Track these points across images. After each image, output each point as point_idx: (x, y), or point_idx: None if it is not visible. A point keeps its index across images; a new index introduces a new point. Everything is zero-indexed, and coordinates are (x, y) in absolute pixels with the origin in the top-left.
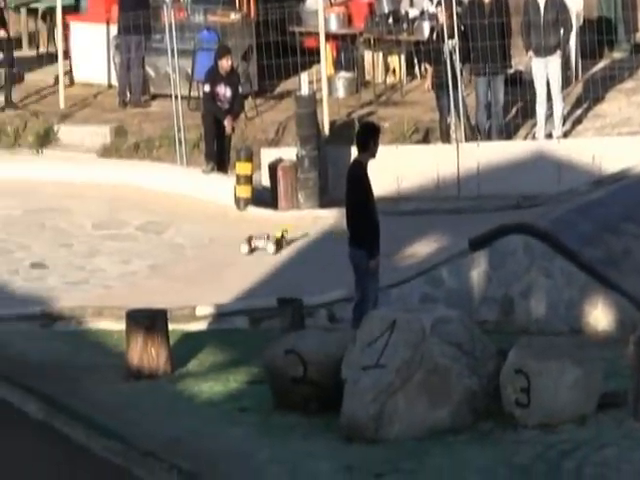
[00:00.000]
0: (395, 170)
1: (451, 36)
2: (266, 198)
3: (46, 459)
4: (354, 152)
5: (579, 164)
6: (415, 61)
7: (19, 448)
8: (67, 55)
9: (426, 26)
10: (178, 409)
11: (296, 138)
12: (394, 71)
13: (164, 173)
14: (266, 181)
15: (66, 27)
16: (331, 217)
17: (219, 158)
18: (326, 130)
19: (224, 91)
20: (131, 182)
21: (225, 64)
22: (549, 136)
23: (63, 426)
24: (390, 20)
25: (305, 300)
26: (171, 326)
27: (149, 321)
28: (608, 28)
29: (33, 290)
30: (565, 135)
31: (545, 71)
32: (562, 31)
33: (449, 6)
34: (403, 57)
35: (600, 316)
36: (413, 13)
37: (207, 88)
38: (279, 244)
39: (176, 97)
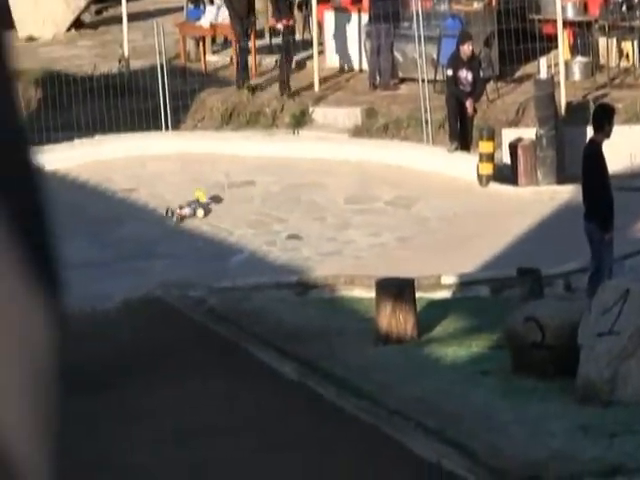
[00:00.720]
0: (628, 148)
1: None
2: (507, 175)
3: (300, 416)
4: (589, 132)
5: None
6: None
7: (275, 406)
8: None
9: None
10: (424, 371)
11: (535, 119)
12: (627, 56)
13: (412, 151)
14: (507, 159)
15: (320, 16)
16: (567, 193)
17: (462, 138)
18: (563, 111)
19: (465, 75)
20: (381, 160)
21: (466, 49)
22: None
23: (316, 386)
24: (624, 8)
25: (543, 270)
26: (418, 294)
27: (397, 289)
28: None
29: (289, 260)
30: None
31: None
32: None
33: None
34: (636, 42)
35: None
36: None
37: (450, 72)
38: (205, 209)
39: (422, 81)
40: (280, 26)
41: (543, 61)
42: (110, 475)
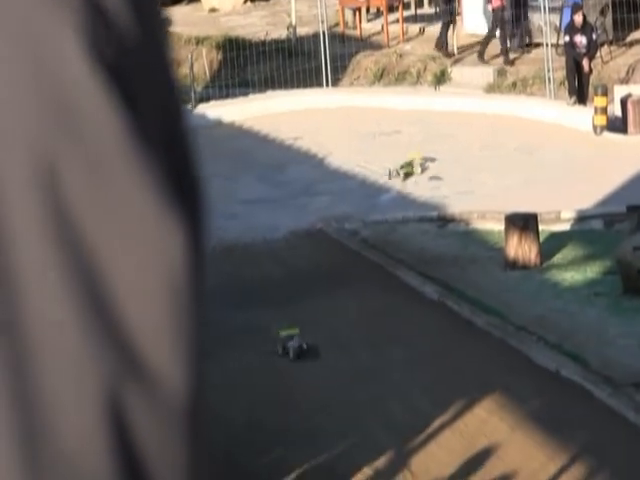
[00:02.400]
0: None
1: None
2: (618, 125)
3: (440, 330)
4: None
5: None
6: None
7: (419, 322)
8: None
9: None
10: (545, 293)
11: None
12: None
13: (536, 105)
14: (618, 112)
15: None
16: None
17: (579, 93)
18: None
19: (580, 39)
20: (510, 112)
21: (577, 18)
22: None
23: (453, 305)
24: None
25: None
26: (541, 227)
27: (523, 222)
28: None
29: (431, 198)
30: None
31: None
32: None
33: None
34: None
35: None
36: None
37: (567, 38)
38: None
39: (547, 45)
40: (498, 3)
41: None
42: (275, 376)
